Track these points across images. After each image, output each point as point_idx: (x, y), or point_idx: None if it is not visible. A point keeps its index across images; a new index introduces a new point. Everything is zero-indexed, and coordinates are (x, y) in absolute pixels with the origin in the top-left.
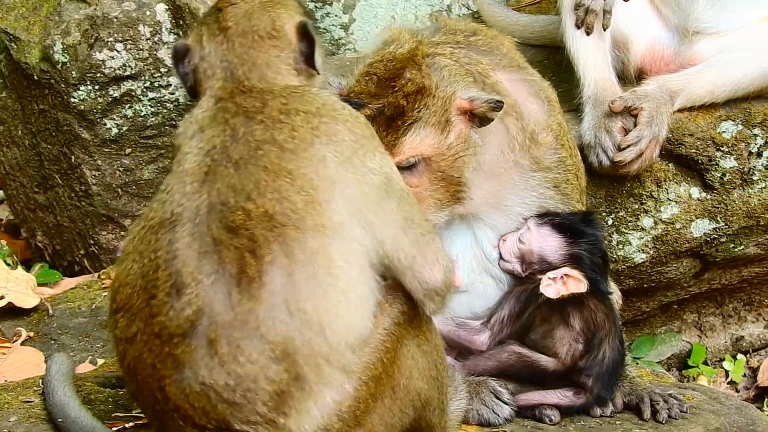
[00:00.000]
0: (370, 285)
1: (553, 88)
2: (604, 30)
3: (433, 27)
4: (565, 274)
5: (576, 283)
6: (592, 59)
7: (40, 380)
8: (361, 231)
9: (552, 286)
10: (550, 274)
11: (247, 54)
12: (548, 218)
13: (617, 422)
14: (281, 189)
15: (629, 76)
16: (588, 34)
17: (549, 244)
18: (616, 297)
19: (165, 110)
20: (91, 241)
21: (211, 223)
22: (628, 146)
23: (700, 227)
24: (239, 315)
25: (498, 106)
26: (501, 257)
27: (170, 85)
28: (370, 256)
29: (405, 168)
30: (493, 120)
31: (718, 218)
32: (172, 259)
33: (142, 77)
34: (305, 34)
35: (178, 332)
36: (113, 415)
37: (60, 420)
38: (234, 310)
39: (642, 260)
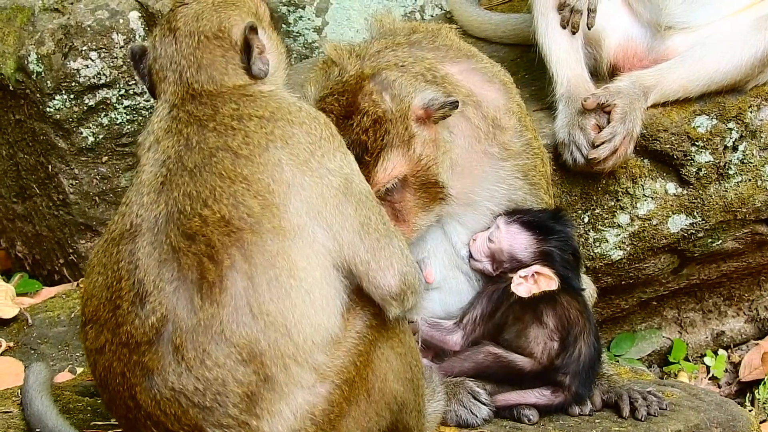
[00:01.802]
0: (335, 285)
1: (506, 71)
2: (589, 29)
3: (370, 31)
4: (535, 272)
5: (547, 280)
6: (564, 57)
7: (19, 390)
8: (323, 232)
9: (523, 285)
10: (521, 272)
11: (193, 55)
12: (517, 216)
13: (596, 421)
14: (237, 194)
15: (602, 73)
16: (573, 33)
17: (518, 242)
18: (590, 292)
19: (141, 118)
20: (70, 250)
21: (169, 232)
22: (602, 143)
23: (677, 223)
24: (203, 320)
25: (453, 105)
26: (471, 256)
27: (145, 92)
28: (333, 258)
29: (384, 193)
30: (451, 114)
31: (695, 213)
32: (134, 269)
33: (117, 85)
34: (250, 39)
35: (144, 340)
36: (92, 424)
37: (38, 430)
38: (197, 315)
39: (619, 257)
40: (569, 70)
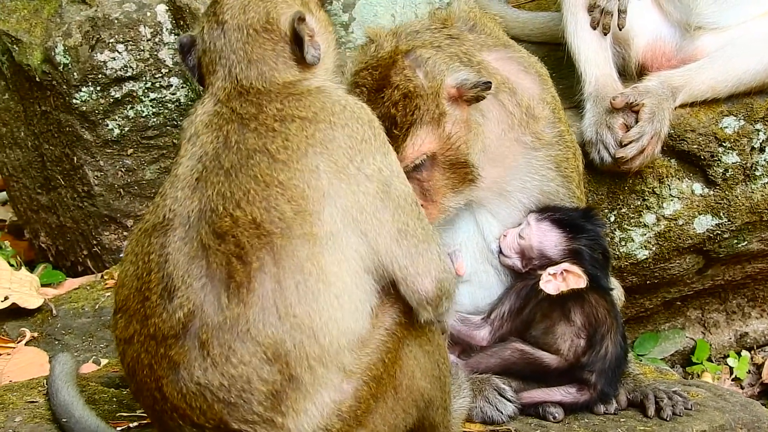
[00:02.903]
0: (366, 289)
1: (542, 64)
2: (620, 30)
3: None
4: (564, 270)
5: (576, 278)
6: (593, 56)
7: (45, 380)
8: (356, 239)
9: (552, 282)
10: (550, 269)
11: (243, 50)
12: (548, 213)
13: (621, 420)
14: (270, 198)
15: (630, 72)
16: (605, 34)
17: (549, 239)
18: (618, 293)
19: (166, 110)
20: (94, 242)
21: (200, 229)
22: (630, 142)
23: (703, 223)
24: (229, 318)
25: (486, 86)
26: (501, 252)
27: (171, 85)
28: (365, 263)
29: (412, 169)
30: (485, 97)
31: (721, 214)
32: (163, 262)
33: (144, 78)
34: (299, 29)
35: (171, 333)
36: (117, 414)
37: (64, 420)
38: (224, 313)
39: (645, 257)
40: (597, 69)
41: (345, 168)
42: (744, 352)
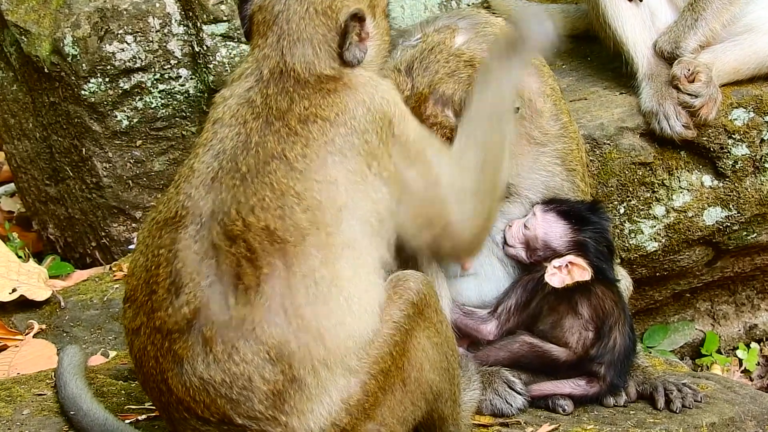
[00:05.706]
0: (377, 289)
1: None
2: None
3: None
4: (569, 262)
5: (580, 271)
6: (640, 37)
7: (53, 373)
8: (368, 243)
9: (557, 275)
10: (555, 262)
11: (297, 24)
12: (554, 205)
13: (631, 412)
14: (285, 207)
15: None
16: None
17: (554, 230)
18: (626, 284)
19: (175, 102)
20: (103, 234)
21: (212, 229)
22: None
23: (713, 215)
24: (235, 318)
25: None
26: (506, 242)
27: (180, 76)
28: (379, 263)
29: None
30: None
31: (731, 206)
32: (173, 258)
33: (152, 69)
34: (349, 26)
35: (175, 328)
36: (126, 407)
37: (72, 413)
38: (230, 312)
39: (654, 249)
40: (647, 49)
41: (364, 176)
42: (753, 344)
